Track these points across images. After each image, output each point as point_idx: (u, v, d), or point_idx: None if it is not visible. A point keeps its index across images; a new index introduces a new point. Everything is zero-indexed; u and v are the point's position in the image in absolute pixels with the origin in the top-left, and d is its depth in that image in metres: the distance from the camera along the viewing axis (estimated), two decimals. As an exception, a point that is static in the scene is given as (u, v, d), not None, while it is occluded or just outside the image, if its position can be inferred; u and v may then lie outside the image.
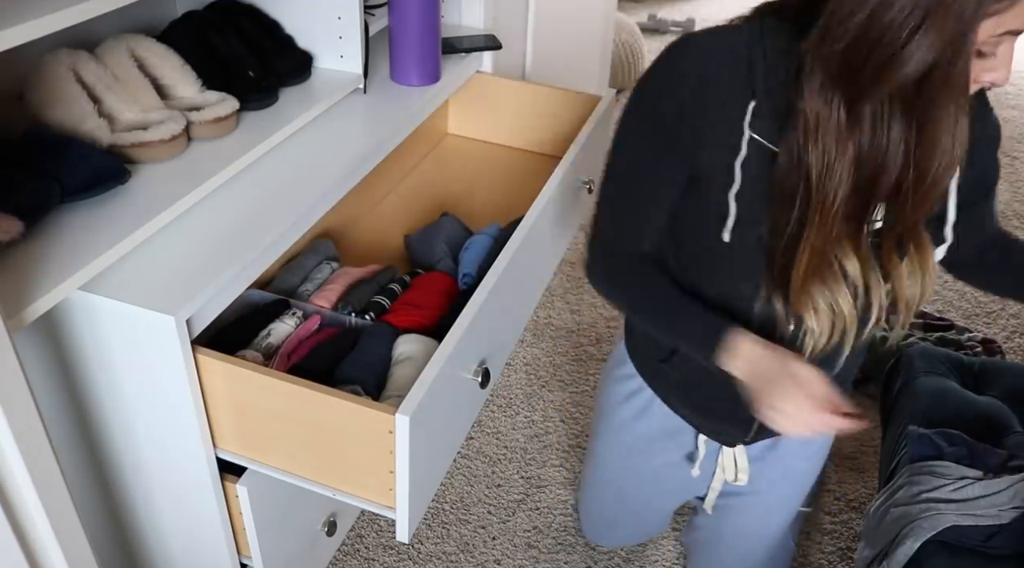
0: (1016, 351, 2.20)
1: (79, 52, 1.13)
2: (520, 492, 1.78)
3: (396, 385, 1.13)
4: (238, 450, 1.12)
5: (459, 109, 1.84)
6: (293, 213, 1.15)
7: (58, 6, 0.88)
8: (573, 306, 2.28)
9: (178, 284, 1.00)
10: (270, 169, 1.24)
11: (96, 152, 1.08)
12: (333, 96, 1.39)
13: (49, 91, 1.09)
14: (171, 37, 1.28)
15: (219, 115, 1.21)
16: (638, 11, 4.31)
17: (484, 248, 1.39)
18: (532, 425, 1.93)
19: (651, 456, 1.34)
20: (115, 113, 1.15)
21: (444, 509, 1.73)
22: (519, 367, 2.08)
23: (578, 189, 1.57)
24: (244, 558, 1.26)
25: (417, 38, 1.46)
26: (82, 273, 0.95)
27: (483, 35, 1.72)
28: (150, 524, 1.25)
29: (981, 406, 1.66)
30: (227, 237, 1.09)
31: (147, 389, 1.04)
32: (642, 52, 3.40)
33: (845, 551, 1.67)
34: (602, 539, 1.63)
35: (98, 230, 1.01)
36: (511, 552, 1.66)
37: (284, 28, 1.43)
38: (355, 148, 1.31)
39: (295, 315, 1.22)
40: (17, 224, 0.94)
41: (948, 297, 2.39)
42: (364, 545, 1.64)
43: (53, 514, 0.85)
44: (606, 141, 1.16)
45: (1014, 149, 3.20)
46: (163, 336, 0.97)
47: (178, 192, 1.10)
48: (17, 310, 0.87)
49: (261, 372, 1.02)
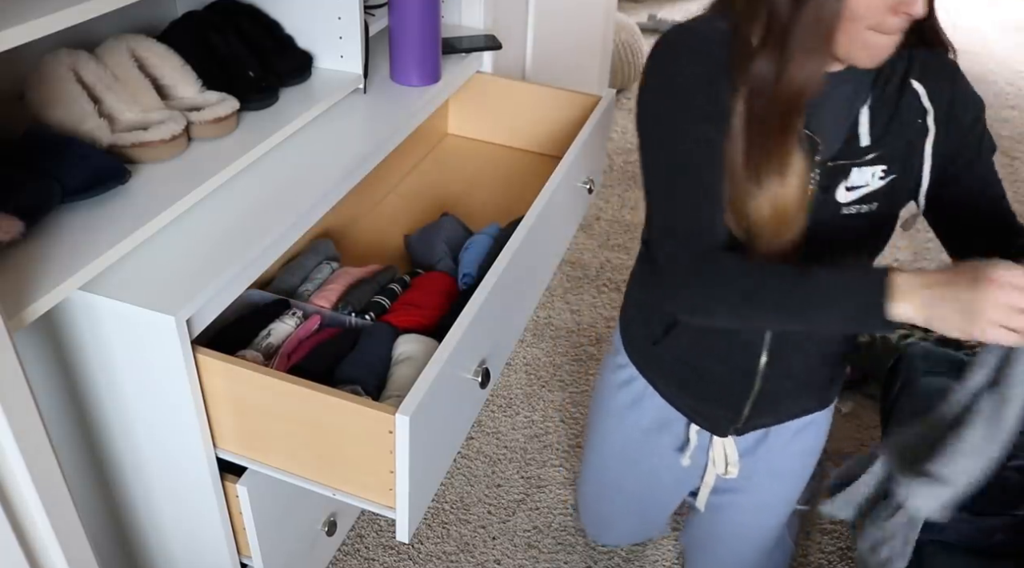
0: (1016, 351, 2.20)
1: (79, 52, 1.13)
2: (520, 492, 1.78)
3: (396, 385, 1.13)
4: (238, 450, 1.12)
5: (459, 109, 1.84)
6: (293, 213, 1.15)
7: (58, 6, 0.88)
8: (573, 306, 2.28)
9: (178, 284, 1.00)
10: (270, 169, 1.24)
11: (96, 152, 1.08)
12: (333, 96, 1.39)
13: (49, 91, 1.09)
14: (171, 37, 1.28)
15: (219, 115, 1.21)
16: (638, 11, 4.31)
17: (484, 248, 1.39)
18: (532, 425, 1.93)
19: (646, 448, 1.36)
20: (115, 113, 1.15)
21: (444, 509, 1.73)
22: (519, 367, 2.08)
23: (578, 189, 1.57)
24: (244, 558, 1.26)
25: (417, 38, 1.46)
26: (82, 273, 0.95)
27: (483, 35, 1.72)
28: (150, 524, 1.25)
29: (981, 406, 1.66)
30: (227, 237, 1.09)
31: (147, 389, 1.04)
32: (642, 52, 3.40)
33: (845, 551, 1.67)
34: (601, 535, 1.63)
35: (98, 230, 1.01)
36: (511, 552, 1.66)
37: (284, 28, 1.43)
38: (355, 148, 1.31)
39: (295, 315, 1.22)
40: (17, 224, 0.94)
41: (948, 297, 2.39)
42: (364, 545, 1.64)
43: (53, 514, 0.85)
44: (606, 141, 1.16)
45: (1014, 149, 3.20)
46: (163, 336, 0.97)
47: (178, 192, 1.10)
48: (17, 310, 0.87)
49: (261, 372, 1.02)
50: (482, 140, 1.85)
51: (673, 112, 0.93)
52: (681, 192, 0.93)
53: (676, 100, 0.92)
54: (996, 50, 4.09)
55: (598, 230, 2.60)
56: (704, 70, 0.91)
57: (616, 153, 3.04)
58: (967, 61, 3.94)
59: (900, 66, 0.95)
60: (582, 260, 2.46)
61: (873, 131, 0.95)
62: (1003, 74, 3.83)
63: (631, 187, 2.83)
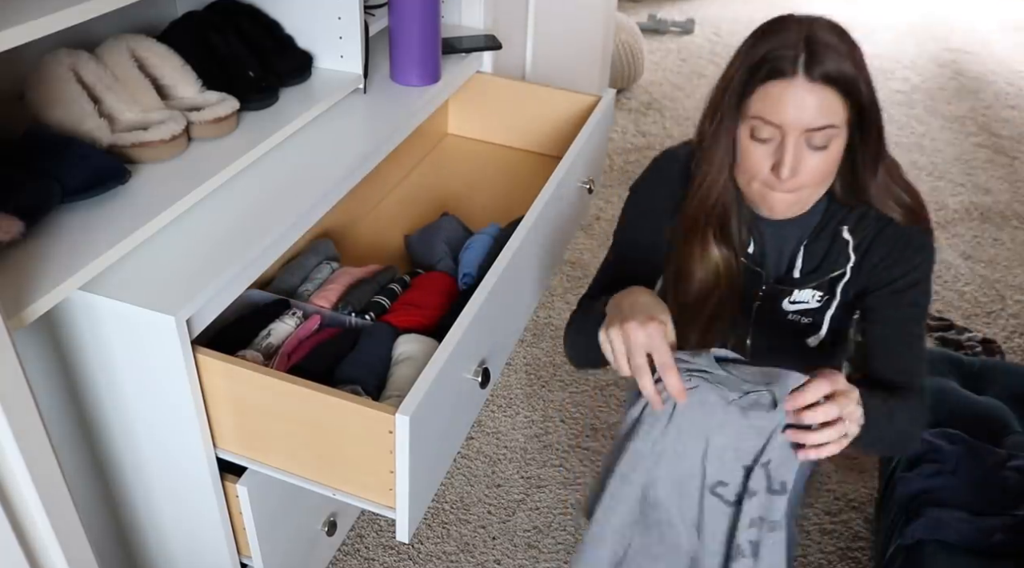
0: (1016, 351, 2.20)
1: (79, 52, 1.13)
2: (520, 492, 1.78)
3: (396, 385, 1.13)
4: (238, 450, 1.12)
5: (459, 109, 1.84)
6: (293, 213, 1.15)
7: (58, 6, 0.88)
8: (573, 306, 2.28)
9: (178, 284, 1.00)
10: (270, 169, 1.24)
11: (96, 152, 1.08)
12: (333, 96, 1.39)
13: (49, 91, 1.09)
14: (171, 37, 1.28)
15: (219, 115, 1.21)
16: (638, 11, 4.31)
17: (484, 248, 1.39)
18: (532, 425, 1.93)
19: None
20: (115, 113, 1.15)
21: (444, 509, 1.73)
22: (519, 367, 2.08)
23: (578, 189, 1.57)
24: (244, 558, 1.26)
25: (417, 38, 1.46)
26: (82, 273, 0.95)
27: (483, 35, 1.72)
28: (150, 524, 1.25)
29: (981, 406, 1.66)
30: (227, 237, 1.09)
31: (147, 389, 1.04)
32: (642, 52, 3.40)
33: (845, 551, 1.67)
34: None
35: (98, 230, 1.01)
36: (511, 552, 1.66)
37: (284, 28, 1.43)
38: (355, 148, 1.31)
39: (295, 315, 1.22)
40: (17, 224, 0.94)
41: (948, 297, 2.39)
42: (364, 545, 1.64)
43: (53, 514, 0.85)
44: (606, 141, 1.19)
45: (1014, 149, 3.20)
46: (163, 336, 0.97)
47: (178, 192, 1.10)
48: (17, 310, 0.87)
49: (261, 372, 1.02)
50: (482, 140, 1.85)
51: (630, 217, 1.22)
52: (607, 267, 1.23)
53: (635, 210, 1.21)
54: (996, 50, 4.09)
55: (598, 230, 2.60)
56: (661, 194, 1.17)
57: (616, 153, 3.04)
58: (967, 61, 3.94)
59: (839, 217, 1.12)
60: (582, 260, 2.46)
61: (804, 267, 1.15)
62: (1003, 74, 3.83)
63: (631, 187, 2.83)
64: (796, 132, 0.97)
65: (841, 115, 0.98)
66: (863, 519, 1.71)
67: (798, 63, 0.96)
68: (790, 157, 0.98)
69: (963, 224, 2.73)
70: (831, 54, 0.96)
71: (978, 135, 3.29)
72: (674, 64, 3.81)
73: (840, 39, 0.98)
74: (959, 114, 3.44)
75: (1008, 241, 2.66)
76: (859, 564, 1.63)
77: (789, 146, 0.98)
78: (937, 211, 2.79)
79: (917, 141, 3.21)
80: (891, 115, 3.37)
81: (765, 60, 0.98)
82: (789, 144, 0.98)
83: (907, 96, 3.57)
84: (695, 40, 4.07)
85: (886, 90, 3.60)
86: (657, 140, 3.14)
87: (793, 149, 0.98)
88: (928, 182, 2.95)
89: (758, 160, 1.02)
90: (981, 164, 3.09)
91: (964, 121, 3.39)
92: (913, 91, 3.63)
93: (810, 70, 0.96)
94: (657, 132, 3.20)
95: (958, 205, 2.83)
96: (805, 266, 1.15)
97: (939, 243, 2.62)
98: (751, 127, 1.00)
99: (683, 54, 3.92)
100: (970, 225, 2.73)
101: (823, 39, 0.97)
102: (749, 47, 1.02)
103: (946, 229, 2.70)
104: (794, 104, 0.96)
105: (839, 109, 0.98)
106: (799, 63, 0.96)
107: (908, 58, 3.96)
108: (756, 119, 0.99)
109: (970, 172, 3.03)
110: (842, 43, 0.98)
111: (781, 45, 0.98)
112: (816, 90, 0.96)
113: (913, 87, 3.66)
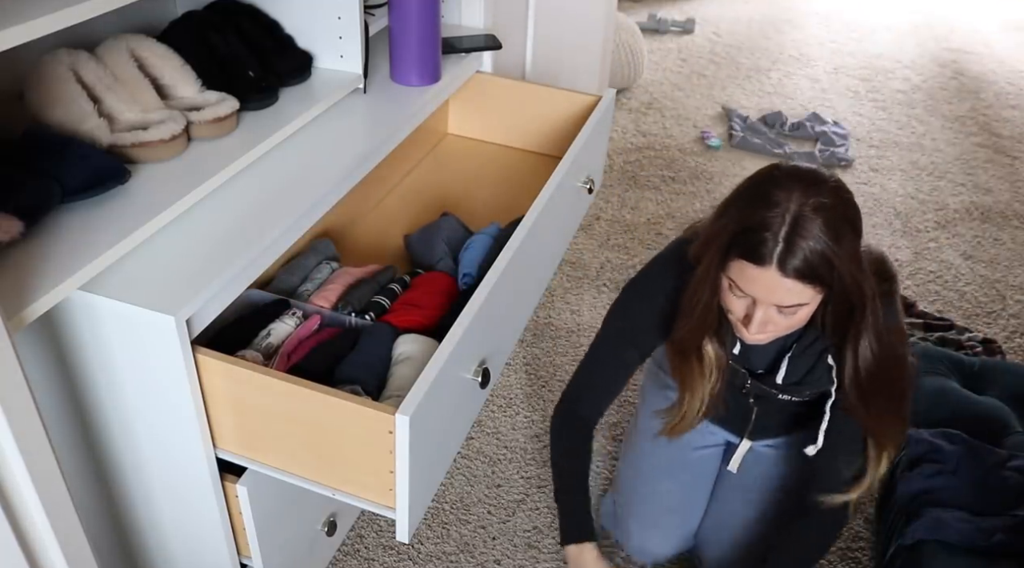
0: (1016, 351, 2.20)
1: (79, 52, 1.13)
2: (520, 492, 1.77)
3: (396, 385, 1.13)
4: (238, 450, 1.12)
5: (459, 109, 1.84)
6: (293, 213, 1.15)
7: (58, 6, 0.88)
8: (573, 306, 2.28)
9: (178, 284, 1.00)
10: (270, 169, 1.24)
11: (96, 152, 1.08)
12: (333, 96, 1.39)
13: (49, 91, 1.09)
14: (171, 37, 1.28)
15: (219, 115, 1.21)
16: (638, 11, 4.31)
17: (484, 248, 1.39)
18: (532, 425, 1.93)
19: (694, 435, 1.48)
20: (115, 113, 1.15)
21: (444, 509, 1.73)
22: (519, 367, 2.08)
23: (578, 189, 1.57)
24: (244, 558, 1.26)
25: (417, 38, 1.46)
26: (82, 273, 0.95)
27: (483, 35, 1.72)
28: (150, 524, 1.25)
29: (981, 406, 1.66)
30: (227, 237, 1.09)
31: (147, 389, 1.04)
32: (642, 52, 3.40)
33: (845, 551, 1.66)
34: (646, 541, 1.57)
35: (98, 230, 1.01)
36: (511, 552, 1.66)
37: (284, 28, 1.43)
38: (355, 148, 1.31)
39: (295, 315, 1.22)
40: (17, 224, 0.94)
41: (948, 297, 2.39)
42: (364, 545, 1.64)
43: (53, 514, 0.85)
44: (606, 141, 1.19)
45: (1014, 149, 3.20)
46: (163, 336, 0.97)
47: (178, 192, 1.10)
48: (17, 310, 0.87)
49: (261, 372, 1.02)
50: (482, 140, 1.85)
51: (616, 325, 1.33)
52: (586, 367, 1.36)
53: (622, 322, 1.32)
54: (996, 50, 4.09)
55: (598, 230, 2.60)
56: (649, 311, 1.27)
57: (616, 153, 3.04)
58: (968, 61, 3.94)
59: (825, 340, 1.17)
60: (582, 260, 2.46)
61: (787, 378, 1.23)
62: (1004, 74, 3.83)
63: (631, 187, 2.83)
64: (766, 304, 1.05)
65: (814, 295, 1.04)
66: (863, 519, 1.71)
67: (774, 254, 0.99)
68: (758, 319, 1.07)
69: (963, 224, 2.73)
70: (809, 250, 0.98)
71: (978, 135, 3.29)
72: (674, 64, 3.81)
73: (825, 227, 0.98)
74: (960, 114, 3.44)
75: (1008, 241, 2.66)
76: (859, 564, 1.63)
77: (758, 312, 1.06)
78: (937, 211, 2.79)
79: (917, 141, 3.21)
80: (891, 115, 3.37)
81: (746, 236, 1.02)
82: (758, 311, 1.06)
83: (907, 96, 3.57)
84: (695, 40, 4.07)
85: (886, 90, 3.60)
86: (657, 140, 3.14)
87: (762, 314, 1.06)
88: (928, 182, 2.95)
89: (733, 304, 1.10)
90: (981, 164, 3.09)
91: (965, 121, 3.39)
92: (913, 91, 3.62)
93: (783, 265, 0.99)
94: (657, 132, 3.20)
95: (958, 205, 2.83)
96: (788, 377, 1.23)
97: (939, 243, 2.62)
98: (728, 282, 1.07)
99: (683, 54, 3.92)
100: (970, 225, 2.73)
101: (806, 230, 0.98)
102: (743, 205, 1.05)
103: (946, 229, 2.70)
104: (766, 287, 1.02)
105: (811, 293, 1.03)
106: (775, 255, 0.99)
107: (909, 58, 3.96)
108: (732, 281, 1.06)
109: (970, 172, 3.03)
110: (825, 232, 0.98)
111: (764, 226, 1.00)
112: (787, 282, 1.00)
113: (914, 87, 3.66)
